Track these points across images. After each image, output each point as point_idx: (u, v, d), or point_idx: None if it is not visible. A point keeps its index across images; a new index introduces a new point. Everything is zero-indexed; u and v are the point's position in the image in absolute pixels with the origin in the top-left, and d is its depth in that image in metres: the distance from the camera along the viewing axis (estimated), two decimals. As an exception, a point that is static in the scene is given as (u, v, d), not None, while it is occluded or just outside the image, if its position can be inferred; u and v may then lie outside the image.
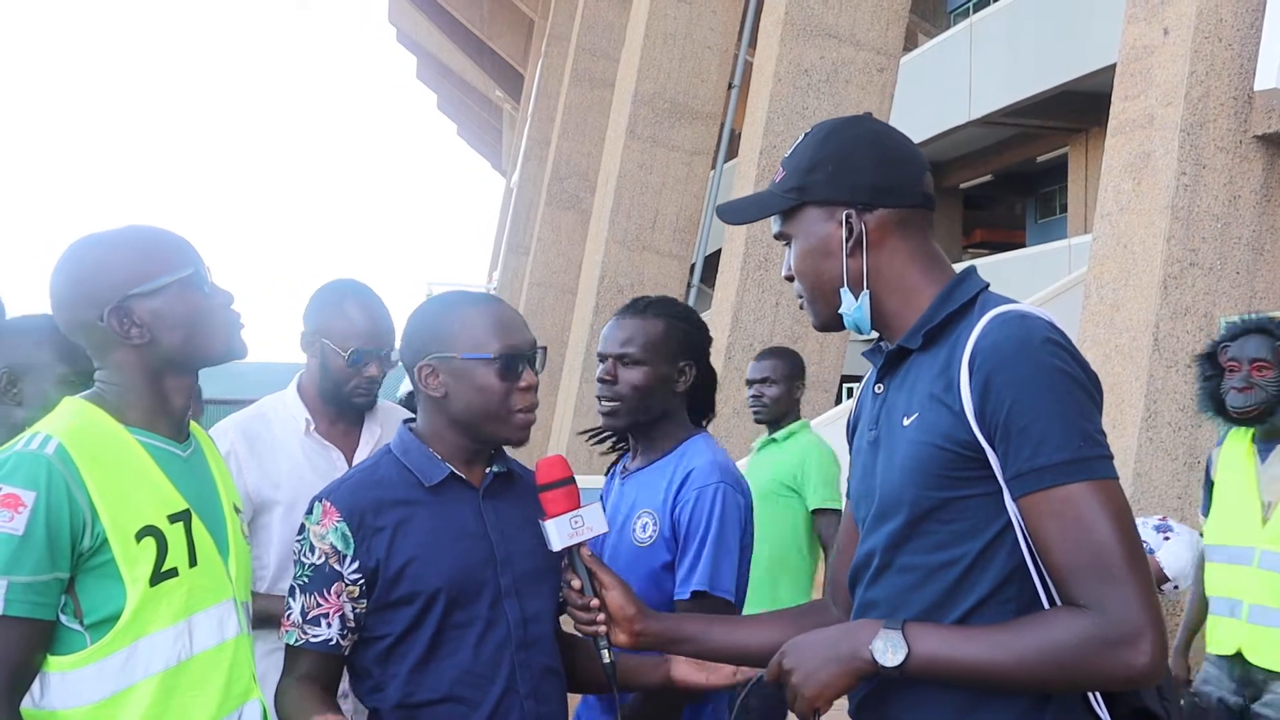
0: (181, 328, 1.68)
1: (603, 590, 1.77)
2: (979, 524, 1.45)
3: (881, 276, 1.57)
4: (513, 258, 22.12)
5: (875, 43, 10.34)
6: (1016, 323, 1.44)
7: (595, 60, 17.45)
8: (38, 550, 1.50)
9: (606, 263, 13.41)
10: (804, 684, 1.47)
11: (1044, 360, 1.40)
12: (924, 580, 1.49)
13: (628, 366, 2.23)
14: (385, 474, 1.85)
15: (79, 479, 1.54)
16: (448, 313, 1.88)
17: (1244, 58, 5.83)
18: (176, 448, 1.72)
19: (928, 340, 1.54)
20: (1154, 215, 5.85)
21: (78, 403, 1.67)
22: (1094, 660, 1.33)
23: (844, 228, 1.56)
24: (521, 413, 1.85)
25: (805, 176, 1.59)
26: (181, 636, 1.62)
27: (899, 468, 1.51)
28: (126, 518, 1.58)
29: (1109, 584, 1.34)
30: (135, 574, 1.57)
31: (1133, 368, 5.84)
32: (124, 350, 1.67)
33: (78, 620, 1.56)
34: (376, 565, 1.78)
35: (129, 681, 1.57)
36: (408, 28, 33.82)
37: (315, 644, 1.77)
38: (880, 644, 1.42)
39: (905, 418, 1.52)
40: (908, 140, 1.64)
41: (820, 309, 1.62)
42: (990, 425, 1.41)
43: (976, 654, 1.39)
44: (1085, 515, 1.36)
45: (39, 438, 1.57)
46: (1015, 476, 1.40)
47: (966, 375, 1.43)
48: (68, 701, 1.55)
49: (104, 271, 1.66)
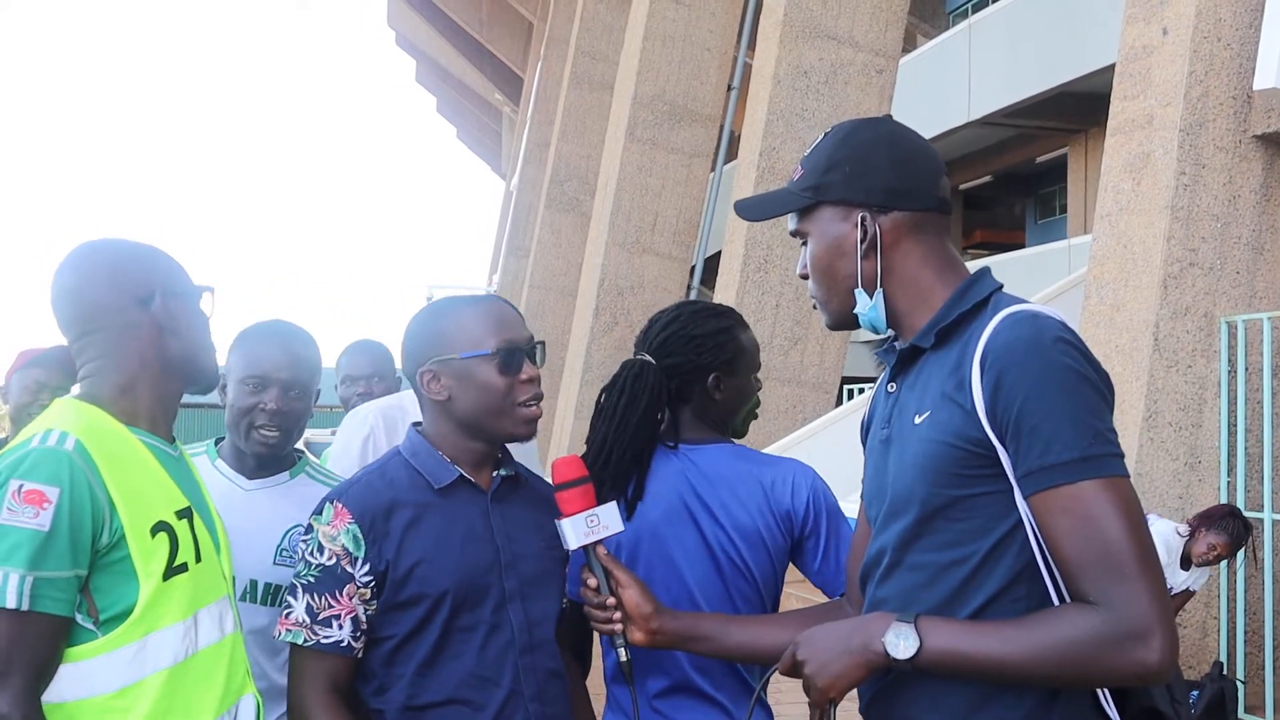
0: (194, 335, 1.75)
1: (619, 589, 1.77)
2: (989, 522, 1.46)
3: (895, 277, 1.59)
4: (513, 260, 22.13)
5: (874, 44, 10.35)
6: (1028, 322, 1.44)
7: (594, 63, 17.46)
8: (61, 546, 1.51)
9: (606, 265, 13.41)
10: (817, 675, 1.48)
11: (1055, 359, 1.40)
12: (934, 578, 1.50)
13: None
14: (395, 476, 1.86)
15: (98, 475, 1.56)
16: (442, 317, 1.89)
17: (1243, 57, 5.83)
18: (169, 448, 1.74)
19: (940, 339, 1.55)
20: (1154, 215, 5.85)
21: (75, 403, 1.67)
22: (1104, 656, 1.34)
23: (859, 229, 1.58)
24: (525, 405, 1.85)
25: (823, 176, 1.61)
26: (189, 632, 1.64)
27: (910, 465, 1.52)
28: (142, 513, 1.59)
29: (1119, 581, 1.34)
30: (150, 569, 1.58)
31: (1133, 368, 5.84)
32: (148, 339, 1.70)
33: (91, 619, 1.56)
34: (386, 567, 1.78)
35: (139, 675, 1.58)
36: (407, 31, 33.85)
37: (326, 645, 1.77)
38: (893, 636, 1.43)
39: (917, 416, 1.53)
40: (925, 143, 1.64)
41: (834, 308, 1.64)
42: (1001, 423, 1.42)
43: (987, 648, 1.40)
44: (1095, 512, 1.36)
45: (55, 434, 1.57)
46: (1026, 474, 1.40)
47: (978, 374, 1.44)
48: (79, 692, 1.56)
49: (150, 260, 1.73)
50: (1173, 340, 5.79)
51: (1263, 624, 5.77)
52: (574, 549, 1.80)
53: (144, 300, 1.69)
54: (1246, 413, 5.84)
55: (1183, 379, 5.82)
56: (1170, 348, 5.79)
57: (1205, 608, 5.88)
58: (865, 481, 1.68)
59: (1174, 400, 5.82)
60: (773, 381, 9.81)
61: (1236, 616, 5.82)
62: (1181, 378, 5.82)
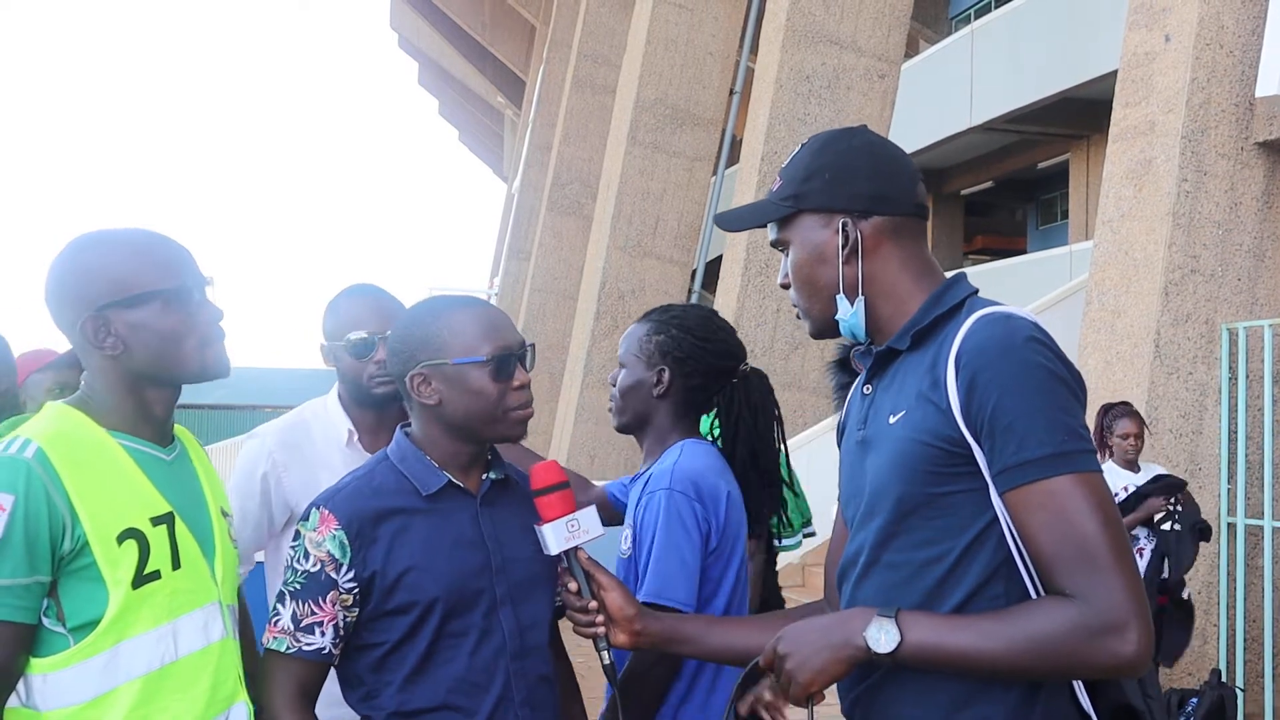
0: (157, 343, 1.66)
1: (601, 592, 1.77)
2: (964, 519, 1.48)
3: (876, 283, 1.61)
4: (514, 263, 22.13)
5: (877, 49, 10.35)
6: (1001, 323, 1.48)
7: (597, 66, 17.46)
8: (16, 553, 1.50)
9: (608, 268, 13.41)
10: (798, 670, 1.49)
11: (1027, 358, 1.43)
12: (911, 576, 1.52)
13: (620, 370, 2.32)
14: (382, 482, 1.84)
15: (58, 482, 1.54)
16: (434, 320, 1.86)
17: (1245, 64, 5.83)
18: (160, 451, 1.71)
19: (915, 341, 1.57)
20: (1155, 222, 5.85)
21: (60, 407, 1.66)
22: (1080, 649, 1.36)
23: (840, 235, 1.60)
24: (517, 410, 1.85)
25: (802, 185, 1.63)
26: (165, 639, 1.62)
27: (886, 464, 1.54)
28: (107, 520, 1.57)
29: (1094, 574, 1.37)
30: (117, 576, 1.57)
31: (1134, 374, 5.84)
32: (100, 358, 1.66)
33: (60, 623, 1.56)
34: (372, 575, 1.77)
35: (111, 684, 1.57)
36: (409, 34, 33.88)
37: (308, 652, 1.76)
38: (874, 631, 1.44)
39: (892, 415, 1.55)
40: (901, 151, 1.68)
41: (816, 315, 1.66)
42: (976, 422, 1.44)
43: (965, 642, 1.41)
44: (1069, 507, 1.39)
45: (18, 442, 1.57)
46: (1001, 471, 1.43)
47: (953, 373, 1.47)
48: (50, 702, 1.55)
49: (89, 277, 1.64)
50: (1173, 347, 5.79)
51: (1262, 631, 5.75)
52: (554, 554, 1.79)
53: (82, 322, 1.64)
54: (1247, 420, 5.84)
55: (1183, 386, 5.82)
56: (1171, 354, 5.79)
57: (1205, 615, 5.87)
58: (842, 483, 1.70)
59: (1174, 407, 5.81)
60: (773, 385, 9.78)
61: (1236, 624, 5.81)
62: (1182, 384, 5.82)
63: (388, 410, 2.48)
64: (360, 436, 2.49)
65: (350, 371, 2.45)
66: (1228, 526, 5.87)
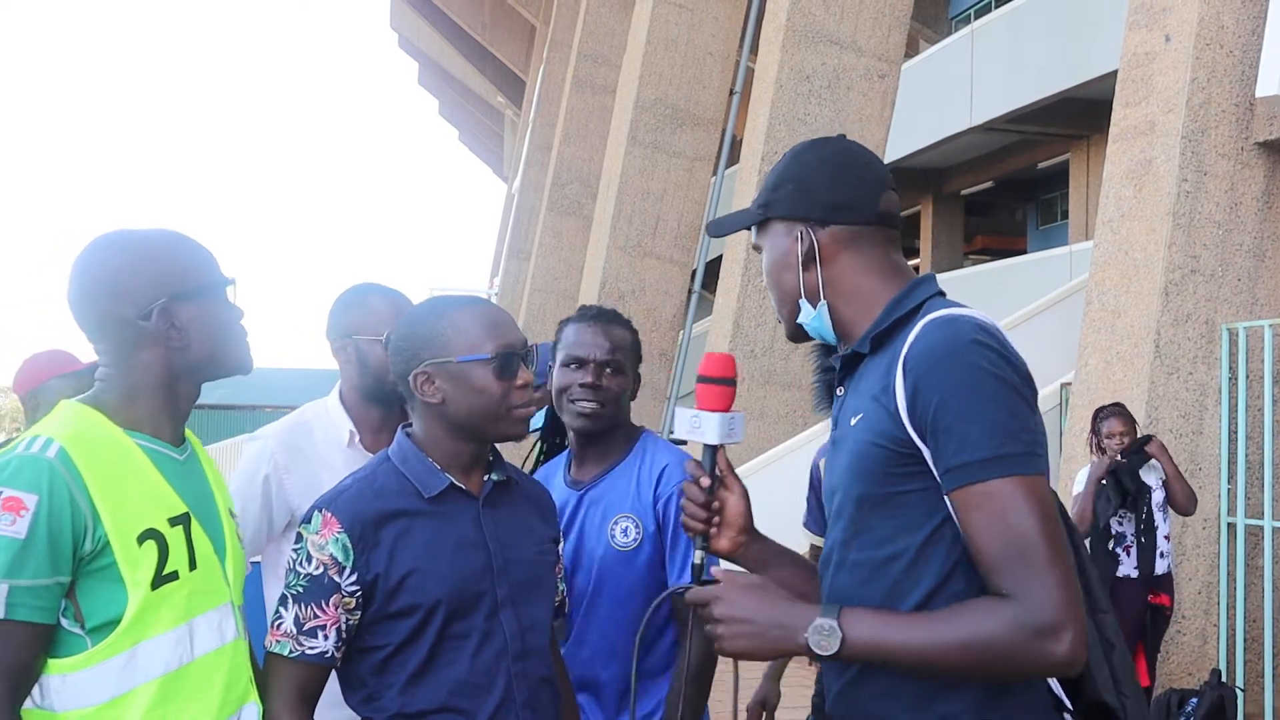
0: (212, 336, 1.70)
1: (727, 493, 1.74)
2: (919, 518, 1.51)
3: (835, 288, 1.66)
4: (514, 263, 22.12)
5: (877, 49, 10.34)
6: (947, 325, 1.51)
7: (597, 66, 17.46)
8: (39, 554, 1.50)
9: (608, 269, 13.40)
10: (725, 639, 1.51)
11: (970, 360, 1.46)
12: (871, 576, 1.56)
13: (613, 374, 2.35)
14: (384, 484, 1.84)
15: (81, 482, 1.54)
16: (437, 318, 1.87)
17: (1245, 64, 5.83)
18: (174, 451, 1.71)
19: (875, 345, 1.61)
20: (1155, 222, 5.85)
21: (76, 406, 1.66)
22: (1015, 648, 1.38)
23: (799, 242, 1.66)
24: (520, 409, 1.86)
25: (771, 193, 1.70)
26: (182, 640, 1.62)
27: (846, 465, 1.60)
28: (128, 521, 1.57)
29: (1030, 574, 1.39)
30: (137, 577, 1.56)
31: (1134, 374, 5.84)
32: (152, 351, 1.67)
33: (79, 624, 1.55)
34: (375, 578, 1.77)
35: (129, 685, 1.57)
36: (409, 34, 33.87)
37: (311, 656, 1.76)
38: (814, 635, 1.46)
39: (854, 417, 1.60)
40: (875, 161, 1.72)
41: (786, 318, 1.73)
42: (921, 424, 1.48)
43: (904, 639, 1.43)
44: (1006, 509, 1.41)
45: (40, 441, 1.56)
46: (945, 472, 1.46)
47: (900, 376, 1.51)
48: (68, 704, 1.55)
49: (153, 267, 1.66)
50: (1174, 347, 5.79)
51: (1262, 631, 5.75)
52: (713, 444, 1.70)
53: (144, 316, 1.65)
54: (1247, 420, 5.84)
55: (1183, 386, 5.82)
56: (1171, 354, 5.79)
57: (1205, 615, 5.87)
58: (823, 482, 1.75)
59: (1175, 407, 5.81)
60: (773, 386, 9.79)
61: (1236, 624, 5.81)
62: (1182, 384, 5.82)
63: (399, 408, 2.46)
64: (362, 437, 2.49)
65: (377, 365, 2.42)
66: (1228, 526, 5.88)
